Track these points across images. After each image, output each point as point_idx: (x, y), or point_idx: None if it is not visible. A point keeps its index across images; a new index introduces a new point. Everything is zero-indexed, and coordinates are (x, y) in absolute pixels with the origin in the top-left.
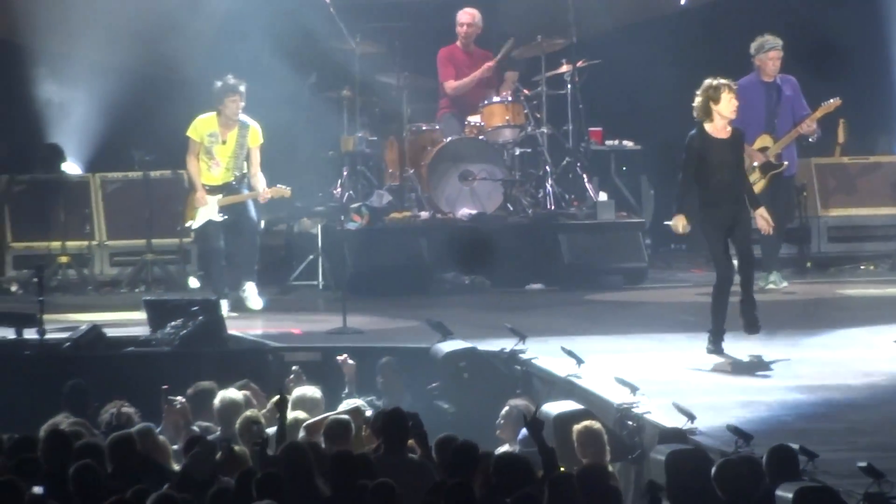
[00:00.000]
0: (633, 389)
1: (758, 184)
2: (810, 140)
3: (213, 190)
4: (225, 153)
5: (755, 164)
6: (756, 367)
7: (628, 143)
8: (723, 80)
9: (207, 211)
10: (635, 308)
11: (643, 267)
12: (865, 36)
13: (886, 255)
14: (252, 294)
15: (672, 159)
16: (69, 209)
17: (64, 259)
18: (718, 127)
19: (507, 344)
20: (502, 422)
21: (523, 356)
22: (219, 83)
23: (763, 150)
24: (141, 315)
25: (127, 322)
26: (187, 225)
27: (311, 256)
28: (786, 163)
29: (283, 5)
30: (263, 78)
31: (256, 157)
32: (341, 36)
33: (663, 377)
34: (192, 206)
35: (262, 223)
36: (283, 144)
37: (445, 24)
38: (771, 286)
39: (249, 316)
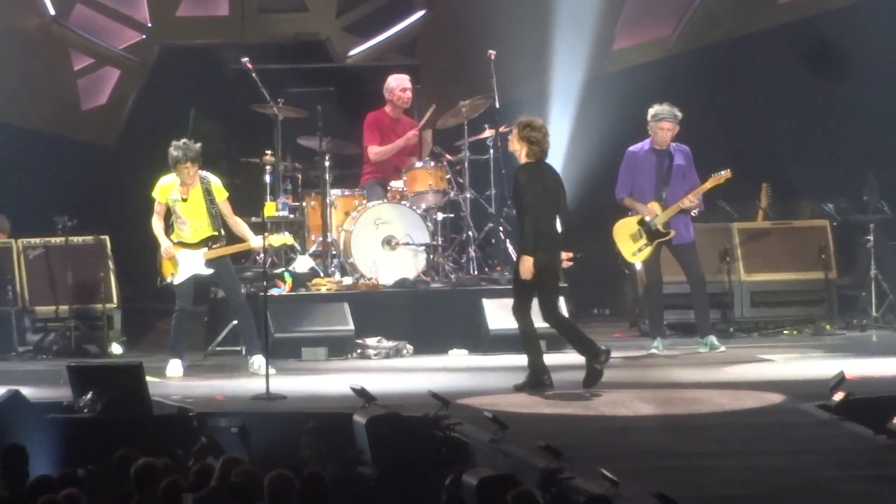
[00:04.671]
0: (557, 455)
1: (644, 250)
2: (693, 214)
3: (192, 247)
4: (189, 210)
5: (646, 218)
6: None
7: None
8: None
9: (191, 265)
10: (558, 372)
11: None
12: (791, 102)
13: (808, 320)
14: (260, 366)
15: (596, 222)
16: None
17: None
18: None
19: (430, 409)
20: None
21: (447, 422)
22: (172, 151)
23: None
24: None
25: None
26: (168, 281)
27: (235, 322)
28: (672, 232)
29: (206, 68)
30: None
31: (228, 209)
32: (263, 100)
33: (587, 441)
34: (168, 262)
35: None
36: None
37: (370, 90)
38: (703, 349)
39: (172, 382)
